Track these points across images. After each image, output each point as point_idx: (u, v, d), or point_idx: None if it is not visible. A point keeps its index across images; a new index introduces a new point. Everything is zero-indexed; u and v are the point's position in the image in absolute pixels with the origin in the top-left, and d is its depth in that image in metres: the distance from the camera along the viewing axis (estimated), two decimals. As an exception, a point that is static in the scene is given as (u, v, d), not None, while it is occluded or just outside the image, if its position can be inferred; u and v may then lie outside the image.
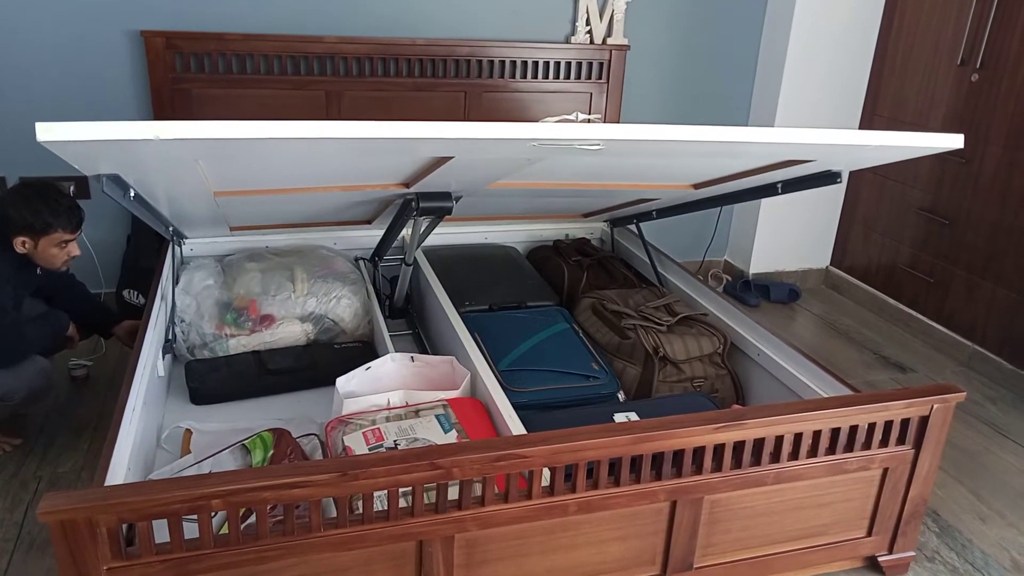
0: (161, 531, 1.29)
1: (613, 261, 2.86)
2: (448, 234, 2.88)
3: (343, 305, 2.44)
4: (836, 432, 1.64)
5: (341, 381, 1.99)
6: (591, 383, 2.14)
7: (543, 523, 1.50)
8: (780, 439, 1.59)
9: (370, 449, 1.74)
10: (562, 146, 1.52)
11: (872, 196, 3.36)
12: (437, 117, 2.36)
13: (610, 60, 3.11)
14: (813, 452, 1.64)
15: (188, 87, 2.73)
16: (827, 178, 1.98)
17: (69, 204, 2.03)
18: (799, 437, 1.61)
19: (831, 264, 3.63)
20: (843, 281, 3.54)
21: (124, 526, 1.28)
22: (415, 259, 2.49)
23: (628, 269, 2.84)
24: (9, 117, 2.65)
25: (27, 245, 2.00)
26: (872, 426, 1.65)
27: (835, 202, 3.53)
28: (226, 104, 2.76)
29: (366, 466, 1.34)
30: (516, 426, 1.74)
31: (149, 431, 1.88)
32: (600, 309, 2.41)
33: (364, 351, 2.38)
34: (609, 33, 3.11)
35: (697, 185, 2.25)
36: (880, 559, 1.82)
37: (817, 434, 1.62)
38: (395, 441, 1.76)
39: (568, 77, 3.10)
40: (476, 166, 1.76)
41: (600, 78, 3.13)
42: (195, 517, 1.29)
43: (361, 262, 2.69)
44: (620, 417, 1.87)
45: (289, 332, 2.38)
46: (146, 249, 2.74)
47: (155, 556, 1.30)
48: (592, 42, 3.10)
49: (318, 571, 1.40)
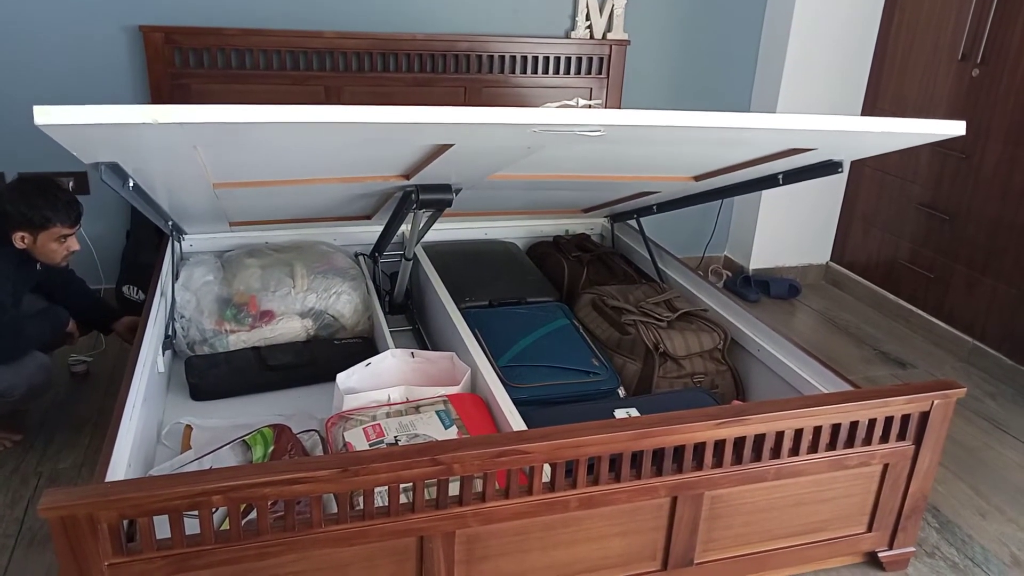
0: (162, 527, 1.29)
1: (613, 257, 2.85)
2: (448, 230, 2.88)
3: (343, 301, 2.44)
4: (836, 428, 1.64)
5: (341, 377, 1.99)
6: (591, 379, 2.14)
7: (544, 519, 1.51)
8: (781, 435, 1.60)
9: (371, 445, 1.74)
10: (563, 132, 1.51)
11: (872, 191, 3.36)
12: (437, 112, 2.35)
13: (610, 55, 3.10)
14: (814, 448, 1.64)
15: (187, 82, 2.72)
16: (828, 168, 1.98)
17: (67, 198, 2.03)
18: (800, 433, 1.61)
19: (831, 260, 3.63)
20: (843, 277, 3.54)
21: (125, 522, 1.28)
22: (415, 254, 2.48)
23: (628, 265, 2.83)
24: (7, 113, 2.64)
25: (26, 240, 2.00)
26: (872, 422, 1.66)
27: (835, 197, 3.53)
28: (225, 99, 2.74)
29: (367, 462, 1.34)
30: (517, 422, 1.74)
31: (149, 427, 1.88)
32: (600, 305, 2.41)
33: (364, 347, 2.37)
34: (609, 28, 3.10)
35: (698, 177, 2.25)
36: (880, 555, 1.82)
37: (818, 430, 1.62)
38: (396, 437, 1.76)
39: (568, 72, 3.09)
40: (476, 155, 1.75)
41: (600, 73, 3.13)
42: (196, 513, 1.29)
43: (361, 258, 2.69)
44: (621, 413, 1.87)
45: (289, 328, 2.38)
46: (146, 245, 2.74)
47: (156, 552, 1.30)
48: (592, 37, 3.09)
49: (319, 567, 1.40)
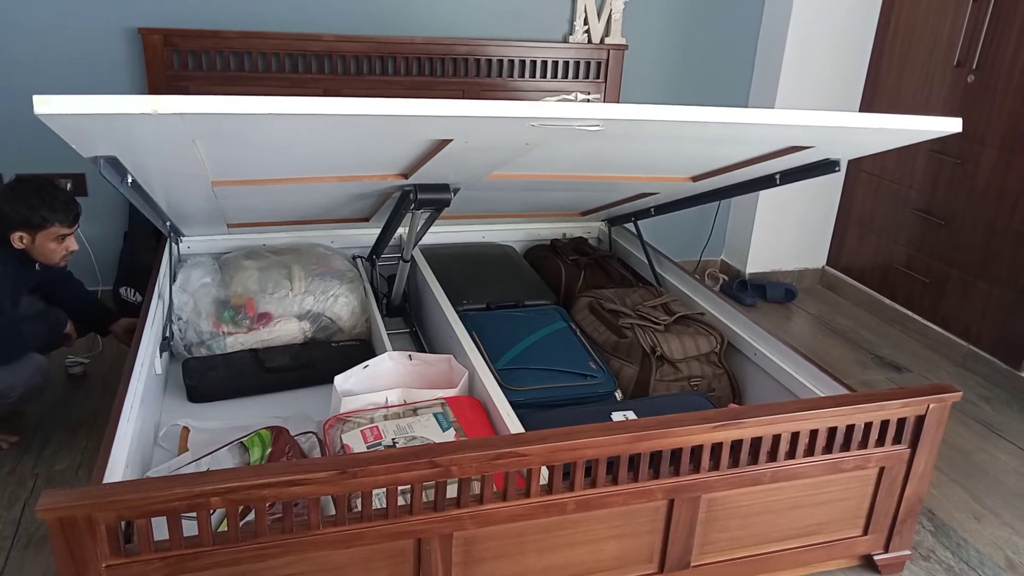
0: (160, 529, 1.29)
1: (610, 260, 2.86)
2: (445, 233, 2.88)
3: (341, 303, 2.44)
4: (833, 431, 1.64)
5: (339, 379, 1.99)
6: (588, 382, 2.14)
7: (541, 521, 1.51)
8: (777, 438, 1.60)
9: (368, 447, 1.74)
10: (561, 126, 1.51)
11: (868, 196, 3.37)
12: (435, 115, 2.36)
13: (608, 60, 3.11)
14: (810, 451, 1.64)
15: (186, 85, 2.72)
16: (826, 167, 1.98)
17: (65, 198, 2.03)
18: (796, 436, 1.62)
19: (827, 264, 3.64)
20: (839, 281, 3.55)
21: (123, 523, 1.28)
22: (412, 257, 2.49)
23: (625, 268, 2.84)
24: (5, 115, 2.64)
25: (25, 240, 2.00)
26: (868, 425, 1.66)
27: (831, 202, 3.54)
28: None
29: (365, 464, 1.34)
30: (514, 424, 1.75)
31: (146, 429, 1.88)
32: (597, 308, 2.41)
33: (362, 349, 2.38)
34: (607, 33, 3.11)
35: (695, 178, 2.26)
36: (876, 558, 1.83)
37: (814, 433, 1.63)
38: (393, 439, 1.76)
39: (566, 76, 3.10)
40: (474, 152, 1.75)
41: (598, 77, 3.14)
42: (194, 515, 1.29)
43: (359, 260, 2.69)
44: (618, 416, 1.88)
45: (286, 330, 2.38)
46: (143, 246, 2.74)
47: (154, 553, 1.30)
48: (590, 41, 3.10)
49: (317, 569, 1.40)
